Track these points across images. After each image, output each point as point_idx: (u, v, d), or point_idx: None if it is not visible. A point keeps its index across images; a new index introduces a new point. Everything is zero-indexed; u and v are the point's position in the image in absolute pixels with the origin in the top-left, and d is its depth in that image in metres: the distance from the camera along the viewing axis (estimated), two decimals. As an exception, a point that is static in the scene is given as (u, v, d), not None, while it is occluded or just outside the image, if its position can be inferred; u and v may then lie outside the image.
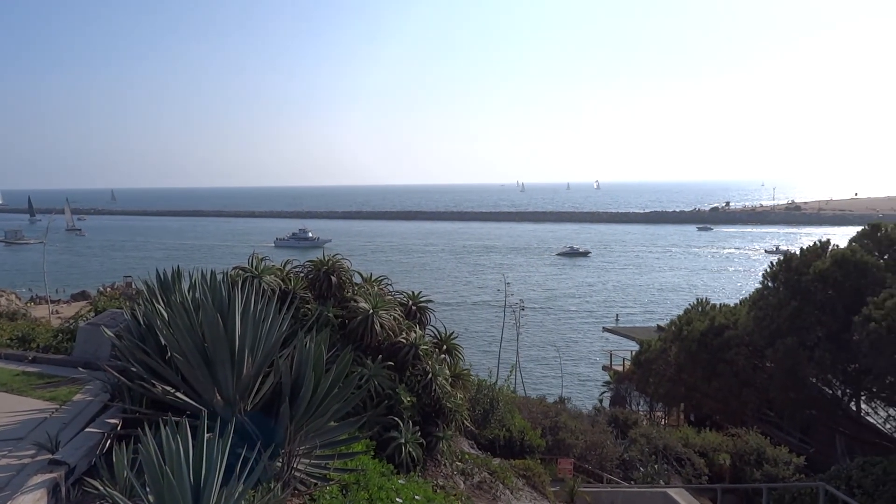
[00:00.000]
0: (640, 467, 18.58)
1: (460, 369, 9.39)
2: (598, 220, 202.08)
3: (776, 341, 17.25)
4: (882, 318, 14.97)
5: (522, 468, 10.88)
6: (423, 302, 9.48)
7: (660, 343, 22.53)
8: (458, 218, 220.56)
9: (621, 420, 22.19)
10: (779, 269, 18.57)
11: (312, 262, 8.77)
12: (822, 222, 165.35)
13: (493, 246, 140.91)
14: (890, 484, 13.01)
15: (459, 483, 8.28)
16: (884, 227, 19.18)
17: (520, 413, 16.86)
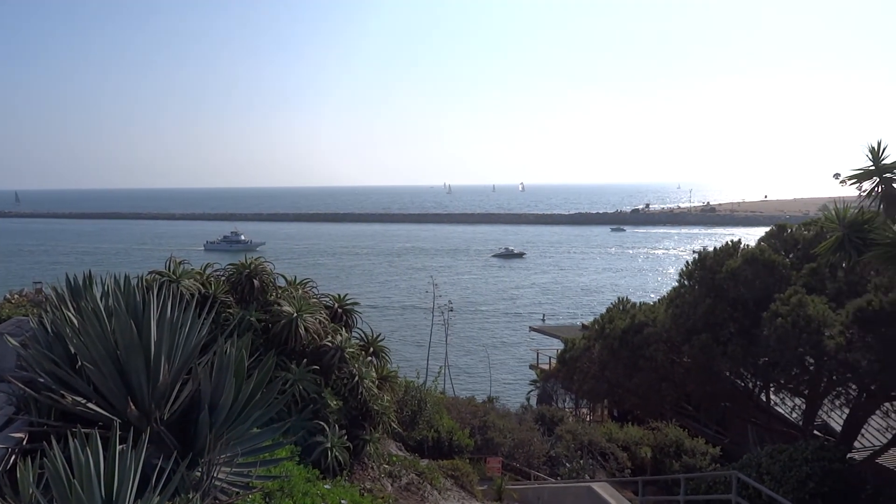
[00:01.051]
0: (566, 463, 19.04)
1: (387, 371, 9.37)
2: (524, 222, 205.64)
3: (692, 337, 17.94)
4: (787, 313, 15.81)
5: (451, 468, 10.95)
6: (350, 304, 9.40)
7: (584, 341, 23.08)
8: (387, 220, 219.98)
9: (548, 417, 22.68)
10: (694, 268, 19.33)
11: (234, 265, 8.56)
12: (735, 223, 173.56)
13: (421, 248, 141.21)
14: (795, 469, 13.78)
15: (387, 485, 8.26)
16: (789, 228, 20.27)
17: (448, 414, 16.97)
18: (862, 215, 12.55)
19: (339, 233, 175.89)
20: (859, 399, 18.03)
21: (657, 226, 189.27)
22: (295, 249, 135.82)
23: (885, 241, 11.43)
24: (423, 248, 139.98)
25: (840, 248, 12.47)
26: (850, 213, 12.59)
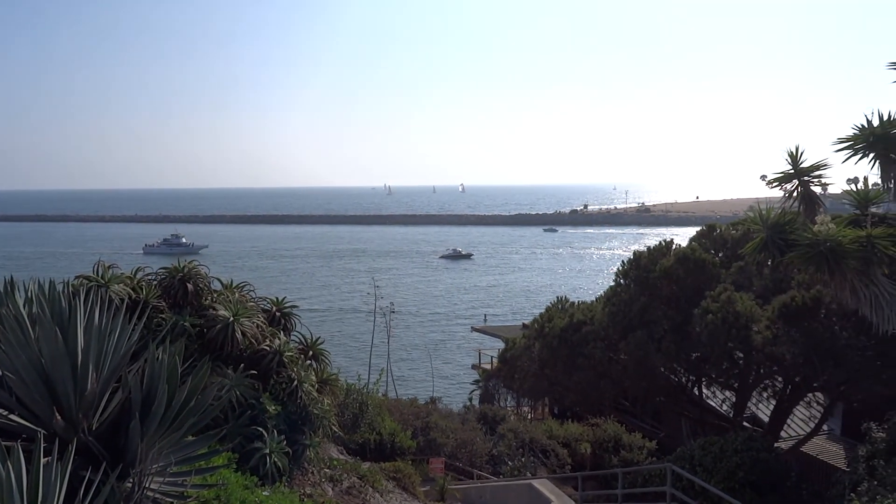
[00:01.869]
0: (508, 461, 19.23)
1: (328, 374, 9.29)
2: (466, 223, 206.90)
3: (628, 335, 18.43)
4: (717, 310, 16.45)
5: (393, 470, 10.93)
6: (288, 307, 9.28)
7: (524, 340, 23.42)
8: (327, 221, 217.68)
9: (490, 416, 22.85)
10: (630, 267, 19.90)
11: (166, 268, 8.33)
12: (668, 223, 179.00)
13: (363, 250, 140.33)
14: (725, 460, 14.32)
15: (328, 490, 8.19)
16: (718, 228, 21.11)
17: (391, 416, 16.92)
18: (783, 216, 13.15)
19: (280, 235, 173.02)
20: (785, 391, 18.90)
21: (595, 226, 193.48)
22: (237, 252, 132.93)
23: (804, 242, 12.03)
24: (365, 250, 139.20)
25: (764, 249, 13.04)
26: (773, 214, 13.19)
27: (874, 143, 12.35)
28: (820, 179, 13.99)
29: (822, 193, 14.86)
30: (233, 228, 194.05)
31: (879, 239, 11.98)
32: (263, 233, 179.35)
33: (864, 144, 12.46)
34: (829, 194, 17.51)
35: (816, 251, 11.74)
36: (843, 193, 14.26)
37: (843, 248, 11.65)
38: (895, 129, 12.24)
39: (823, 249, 11.67)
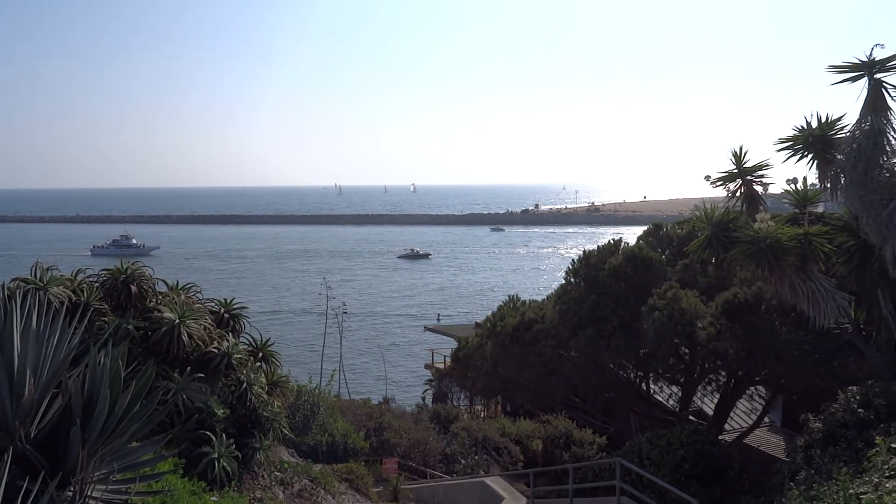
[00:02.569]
0: (461, 460, 19.31)
1: (278, 376, 9.16)
2: (418, 223, 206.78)
3: (578, 332, 18.71)
4: (664, 307, 16.84)
5: (345, 472, 10.85)
6: (237, 309, 9.11)
7: (476, 339, 23.56)
8: (278, 221, 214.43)
9: (443, 416, 22.90)
10: (579, 266, 20.22)
11: (108, 270, 8.08)
12: (617, 222, 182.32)
13: (315, 250, 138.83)
14: (672, 453, 14.66)
15: (278, 493, 8.08)
16: (665, 227, 21.63)
17: (343, 417, 16.80)
18: (727, 215, 13.58)
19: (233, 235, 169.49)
20: (728, 385, 19.47)
21: (547, 225, 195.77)
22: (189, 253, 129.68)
23: (746, 239, 12.44)
24: (317, 251, 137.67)
25: (709, 246, 13.45)
26: (717, 213, 13.61)
27: (812, 144, 12.86)
28: (762, 179, 14.50)
29: (763, 193, 15.40)
30: (186, 229, 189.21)
31: (816, 236, 12.48)
32: (216, 233, 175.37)
33: (803, 145, 12.97)
34: (770, 194, 18.12)
35: (757, 248, 12.16)
36: (783, 193, 14.80)
37: (783, 245, 12.10)
38: (832, 130, 12.78)
39: (764, 246, 12.09)
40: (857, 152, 11.58)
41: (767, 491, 12.04)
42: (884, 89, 11.52)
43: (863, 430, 10.20)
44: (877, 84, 11.53)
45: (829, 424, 10.95)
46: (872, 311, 12.64)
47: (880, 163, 11.59)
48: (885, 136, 11.54)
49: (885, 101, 11.54)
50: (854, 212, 12.20)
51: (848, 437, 10.45)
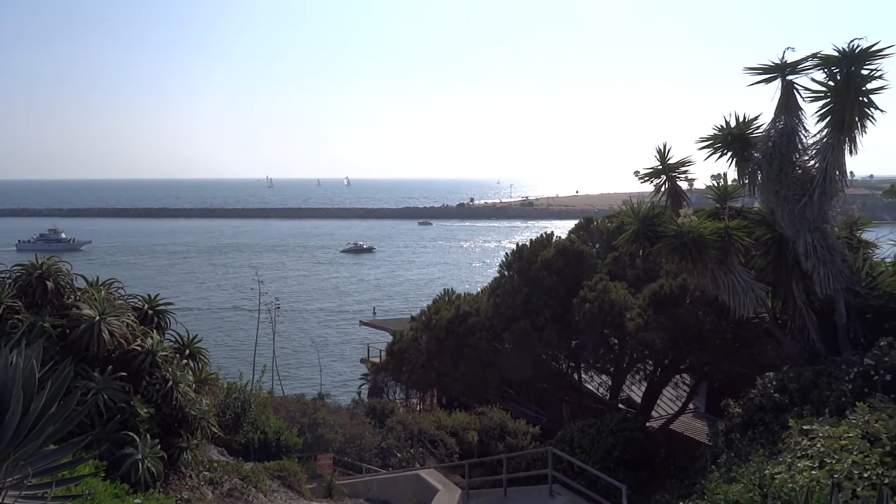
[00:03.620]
0: (396, 453, 19.32)
1: (206, 374, 8.92)
2: (353, 216, 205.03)
3: (512, 325, 18.99)
4: (594, 299, 17.29)
5: (277, 469, 10.68)
6: (162, 305, 8.82)
7: (412, 333, 23.60)
8: (208, 215, 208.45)
9: (379, 410, 22.86)
10: (513, 259, 20.51)
11: (22, 266, 7.68)
12: (550, 216, 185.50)
13: (247, 244, 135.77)
14: (602, 441, 15.10)
15: (207, 493, 7.89)
16: (595, 220, 22.17)
17: (276, 414, 16.53)
18: (653, 210, 14.03)
19: (167, 229, 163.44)
20: (655, 373, 20.15)
21: (482, 219, 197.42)
22: (121, 247, 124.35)
23: (670, 233, 12.88)
24: (249, 245, 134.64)
25: (636, 240, 13.86)
26: (644, 208, 14.04)
27: (731, 142, 13.42)
28: (686, 175, 15.04)
29: (688, 188, 15.98)
30: (119, 223, 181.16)
31: (736, 230, 13.03)
32: (143, 227, 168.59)
33: (723, 144, 13.52)
34: (694, 189, 18.80)
35: (681, 242, 12.61)
36: (706, 189, 15.39)
37: (705, 238, 12.59)
38: (749, 129, 13.36)
39: (687, 240, 12.55)
40: (773, 150, 12.16)
41: (691, 474, 12.54)
42: (795, 91, 12.13)
43: (779, 413, 10.75)
44: (788, 85, 12.12)
45: (748, 409, 11.49)
46: (788, 300, 13.31)
47: (793, 160, 12.20)
48: (797, 134, 12.15)
49: (797, 101, 12.15)
50: (770, 206, 12.82)
51: (765, 420, 10.99)
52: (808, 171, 12.23)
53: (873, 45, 11.29)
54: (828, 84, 11.76)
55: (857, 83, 11.45)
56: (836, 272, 12.13)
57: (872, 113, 11.66)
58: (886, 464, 6.56)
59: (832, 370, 10.69)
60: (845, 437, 7.22)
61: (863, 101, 11.56)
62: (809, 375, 10.94)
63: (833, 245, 12.28)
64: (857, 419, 7.67)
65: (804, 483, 6.39)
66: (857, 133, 11.80)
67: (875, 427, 7.25)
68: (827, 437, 7.42)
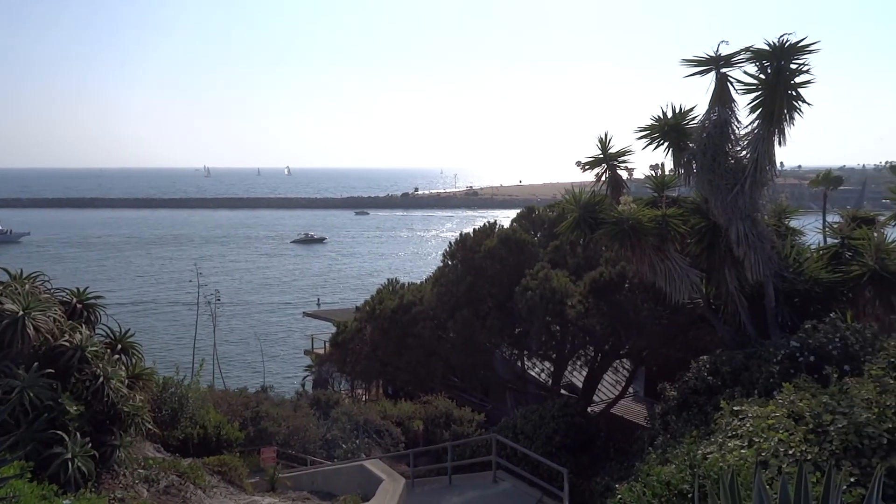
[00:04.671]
0: (342, 444, 19.20)
1: (140, 369, 8.65)
2: (296, 206, 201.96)
3: (456, 313, 19.10)
4: (536, 287, 17.52)
5: (217, 464, 10.46)
6: (91, 299, 8.48)
7: (355, 323, 23.46)
8: (144, 205, 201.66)
9: (324, 401, 22.64)
10: (456, 249, 20.59)
11: (-64, 259, 7.27)
12: (494, 206, 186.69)
13: (185, 235, 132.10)
14: (544, 426, 15.35)
15: (142, 491, 7.66)
16: (537, 209, 22.44)
17: (217, 408, 16.16)
18: (593, 198, 14.28)
19: (91, 220, 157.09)
20: (595, 359, 20.60)
21: (426, 209, 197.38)
22: (62, 239, 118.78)
23: (610, 221, 13.14)
24: (188, 236, 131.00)
25: (577, 228, 14.09)
26: (584, 196, 14.28)
27: (668, 132, 13.77)
28: (626, 164, 15.38)
29: (629, 178, 16.35)
30: (51, 213, 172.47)
31: (672, 218, 13.40)
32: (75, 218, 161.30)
33: (660, 134, 13.86)
34: (634, 178, 19.22)
35: (620, 229, 12.89)
36: (645, 178, 15.77)
37: (643, 226, 12.90)
38: (685, 120, 13.73)
39: (626, 228, 12.84)
40: (707, 141, 12.53)
41: (630, 456, 12.88)
42: (729, 83, 12.51)
43: (712, 395, 11.13)
44: (722, 78, 12.50)
45: (683, 392, 11.86)
46: (721, 286, 13.79)
47: (726, 151, 12.61)
48: (730, 125, 12.56)
49: (730, 93, 12.54)
50: (704, 195, 13.22)
51: (699, 402, 11.37)
52: (740, 161, 12.66)
53: (801, 40, 11.74)
54: (759, 77, 12.18)
55: (786, 77, 11.89)
56: (766, 258, 12.62)
57: (800, 106, 12.14)
58: (809, 441, 6.88)
59: (761, 353, 11.13)
60: (772, 416, 7.53)
61: (791, 95, 12.02)
62: (740, 358, 11.36)
63: (763, 232, 12.77)
64: (784, 399, 8.01)
65: (734, 462, 6.63)
66: (786, 125, 12.28)
67: (799, 406, 7.58)
68: (755, 416, 7.72)
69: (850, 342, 10.20)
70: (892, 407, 7.09)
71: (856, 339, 10.27)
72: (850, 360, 9.82)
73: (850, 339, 10.25)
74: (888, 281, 12.31)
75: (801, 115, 12.15)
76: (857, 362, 9.47)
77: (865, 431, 6.76)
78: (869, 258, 12.55)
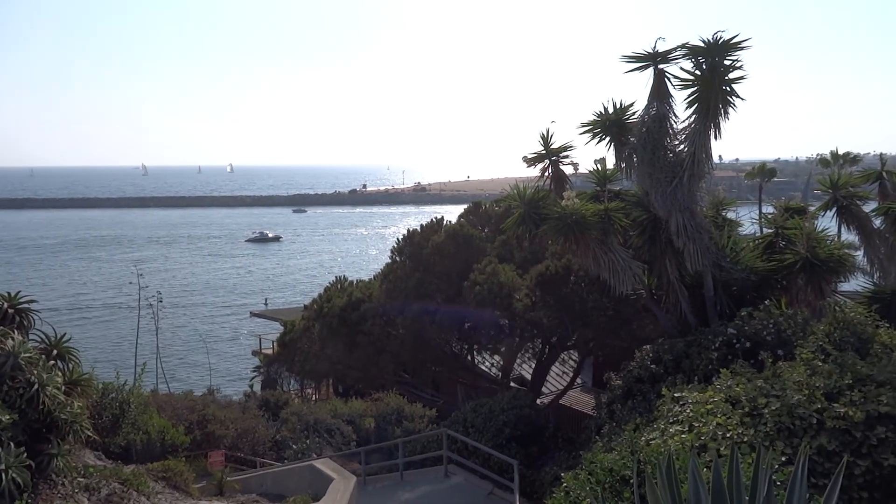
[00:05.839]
0: (292, 445, 18.99)
1: (78, 374, 8.36)
2: (241, 205, 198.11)
3: (405, 309, 19.11)
4: (483, 282, 17.68)
5: (161, 470, 10.20)
6: (23, 303, 8.17)
7: (303, 322, 23.24)
8: (80, 205, 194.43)
9: (273, 402, 22.35)
10: (404, 245, 20.59)
11: None
12: (443, 201, 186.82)
13: (125, 236, 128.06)
14: (494, 419, 15.52)
15: (83, 500, 7.42)
16: (484, 205, 22.62)
17: (161, 412, 15.80)
18: (538, 194, 14.48)
19: (23, 222, 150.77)
20: (544, 351, 20.90)
21: (375, 205, 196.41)
22: None
23: (554, 216, 13.35)
24: (129, 237, 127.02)
25: (522, 223, 14.25)
26: (529, 191, 14.46)
27: (609, 127, 14.05)
28: (570, 159, 15.63)
29: (575, 172, 16.61)
30: None
31: (615, 212, 13.69)
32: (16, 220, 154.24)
33: (601, 129, 14.13)
34: (579, 173, 19.57)
35: (564, 224, 13.10)
36: (589, 173, 16.06)
37: (586, 220, 13.14)
38: (626, 115, 14.03)
39: (570, 222, 13.05)
40: (646, 135, 12.84)
41: (578, 445, 13.15)
42: (666, 79, 12.85)
43: (655, 383, 11.46)
44: (660, 74, 12.83)
45: (628, 381, 12.18)
46: (662, 277, 14.17)
47: (665, 145, 12.95)
48: (668, 120, 12.90)
49: (668, 89, 12.88)
50: (645, 189, 13.55)
51: (643, 390, 11.69)
52: (678, 154, 13.01)
53: (733, 37, 12.14)
54: (695, 73, 12.55)
55: (720, 73, 12.29)
56: (704, 249, 13.03)
57: (734, 101, 12.56)
58: (745, 423, 7.16)
59: (701, 340, 11.51)
60: (711, 401, 7.80)
61: (725, 90, 12.43)
62: (682, 346, 11.73)
63: (701, 224, 13.17)
64: (721, 384, 8.31)
65: (675, 447, 6.85)
66: (721, 119, 12.69)
67: (736, 391, 7.88)
68: (695, 402, 7.98)
69: (783, 328, 10.64)
70: (821, 388, 7.44)
71: (788, 324, 10.72)
72: (784, 344, 10.25)
73: (783, 325, 10.69)
74: (819, 268, 12.87)
75: (734, 109, 12.58)
76: (790, 347, 9.89)
77: (797, 412, 7.08)
78: (801, 247, 13.08)
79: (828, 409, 7.05)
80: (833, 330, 9.46)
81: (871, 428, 6.70)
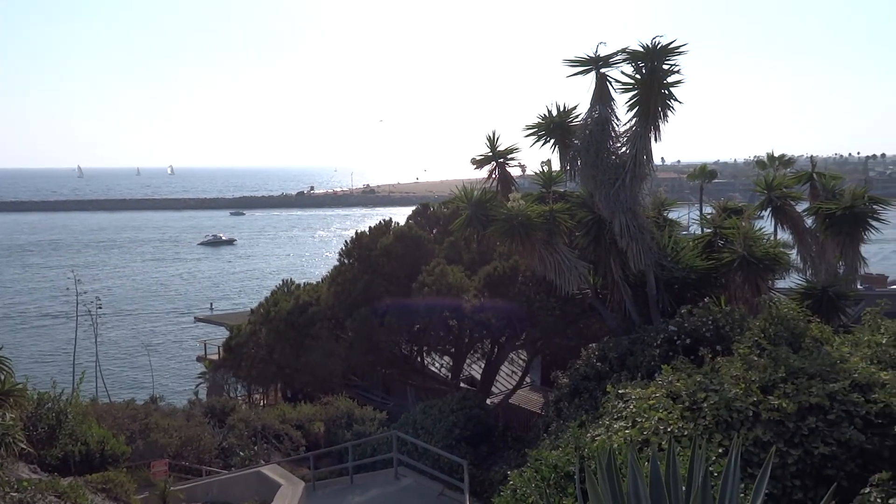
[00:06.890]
0: (239, 452, 18.65)
1: (11, 385, 8.05)
2: (183, 207, 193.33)
3: (353, 312, 18.95)
4: (432, 283, 17.72)
5: (101, 482, 9.92)
6: (-49, 312, 7.80)
7: (250, 326, 22.84)
8: (10, 209, 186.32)
9: (219, 409, 21.89)
10: (352, 247, 20.44)
11: None
12: (392, 203, 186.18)
13: (61, 241, 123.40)
14: (444, 420, 15.58)
15: (16, 516, 7.14)
16: (432, 206, 22.66)
17: (100, 422, 15.31)
18: (485, 195, 14.62)
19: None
20: (492, 351, 21.06)
21: (323, 207, 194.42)
22: None
23: (501, 218, 13.50)
24: (65, 242, 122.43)
25: (470, 224, 14.38)
26: (476, 193, 14.59)
27: (553, 130, 14.30)
28: (517, 161, 15.83)
29: (522, 174, 16.81)
30: None
31: (560, 213, 13.93)
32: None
33: (546, 132, 14.37)
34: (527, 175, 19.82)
35: (511, 225, 13.26)
36: (535, 174, 16.30)
37: (532, 221, 13.33)
38: (570, 118, 14.29)
39: (516, 224, 13.22)
40: (590, 138, 13.11)
41: (526, 444, 13.29)
42: (608, 82, 13.14)
43: (601, 380, 11.69)
44: (602, 77, 13.11)
45: (574, 379, 12.39)
46: (607, 276, 14.49)
47: (608, 147, 13.24)
48: (611, 123, 13.20)
49: (609, 92, 13.18)
50: (589, 190, 13.83)
51: (589, 388, 11.91)
52: (621, 157, 13.33)
53: (671, 42, 12.51)
54: (635, 77, 12.88)
55: (659, 77, 12.64)
56: (647, 249, 13.38)
57: (672, 104, 12.94)
58: (686, 418, 7.38)
59: (644, 337, 11.80)
60: (653, 397, 8.02)
61: (664, 94, 12.79)
62: (626, 344, 12.00)
63: (643, 224, 13.51)
64: (663, 380, 8.55)
65: (619, 442, 7.01)
66: (661, 121, 13.06)
67: (677, 386, 8.11)
68: (638, 398, 8.19)
69: (721, 324, 11.00)
70: (757, 382, 7.74)
71: (726, 321, 11.09)
72: (722, 340, 10.60)
73: (722, 322, 11.06)
74: (755, 266, 13.36)
75: (673, 112, 12.97)
76: (728, 342, 10.23)
77: (734, 406, 7.34)
78: (738, 245, 13.56)
79: (763, 401, 7.34)
80: (768, 325, 9.84)
81: (803, 419, 7.00)
